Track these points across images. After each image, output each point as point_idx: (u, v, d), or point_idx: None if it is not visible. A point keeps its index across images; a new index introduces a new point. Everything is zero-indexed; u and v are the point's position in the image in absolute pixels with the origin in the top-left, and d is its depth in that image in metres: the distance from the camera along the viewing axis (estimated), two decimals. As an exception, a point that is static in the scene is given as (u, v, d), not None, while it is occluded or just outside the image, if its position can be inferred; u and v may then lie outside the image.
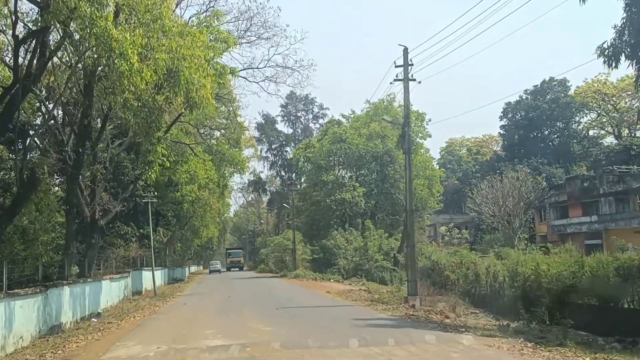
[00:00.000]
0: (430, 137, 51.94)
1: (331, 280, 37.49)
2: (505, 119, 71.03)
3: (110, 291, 25.22)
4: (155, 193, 38.14)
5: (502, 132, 72.64)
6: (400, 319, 15.71)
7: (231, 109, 39.00)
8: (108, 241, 31.43)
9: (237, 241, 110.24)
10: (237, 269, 73.66)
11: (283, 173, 76.34)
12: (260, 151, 72.07)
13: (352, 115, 52.83)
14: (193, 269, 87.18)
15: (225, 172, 48.92)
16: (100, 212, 28.35)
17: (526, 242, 38.53)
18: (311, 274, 42.07)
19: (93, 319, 20.20)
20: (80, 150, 21.96)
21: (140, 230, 36.42)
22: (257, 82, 29.51)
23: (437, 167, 56.88)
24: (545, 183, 44.27)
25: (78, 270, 26.69)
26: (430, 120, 51.87)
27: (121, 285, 27.50)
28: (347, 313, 17.52)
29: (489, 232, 51.74)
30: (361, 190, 46.55)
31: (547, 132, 69.03)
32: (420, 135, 51.95)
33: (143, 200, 32.37)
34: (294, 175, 76.95)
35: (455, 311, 18.11)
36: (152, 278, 30.59)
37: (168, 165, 17.59)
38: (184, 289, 36.24)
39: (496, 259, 25.01)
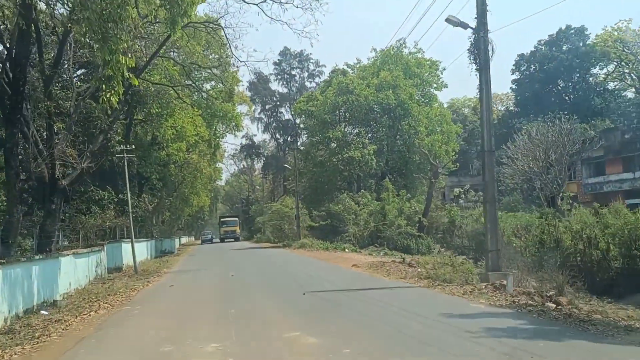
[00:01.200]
0: (447, 87, 45.50)
1: (346, 249, 31.52)
2: (517, 73, 64.60)
3: (75, 270, 18.97)
4: (134, 148, 31.71)
5: (513, 86, 66.21)
6: (517, 313, 9.64)
7: (223, 55, 32.31)
8: (77, 208, 25.07)
9: (229, 210, 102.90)
10: (232, 240, 64.86)
11: (278, 136, 69.78)
12: (254, 112, 65.25)
13: (358, 65, 46.07)
14: (184, 240, 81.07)
15: (217, 130, 42.45)
16: (63, 170, 22.11)
17: (570, 201, 32.69)
18: (320, 243, 36.07)
19: (43, 311, 14.08)
20: (19, 75, 15.46)
21: (120, 196, 29.97)
22: (257, 4, 22.67)
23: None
24: (592, 132, 38.28)
25: (35, 245, 20.53)
26: (445, 69, 45.40)
27: (91, 262, 21.23)
28: (418, 302, 11.49)
29: (507, 194, 46.15)
30: (372, 148, 40.29)
31: (563, 85, 62.83)
32: (434, 85, 45.58)
33: (119, 157, 25.89)
34: (289, 138, 70.50)
35: (563, 294, 12.16)
36: (133, 251, 24.32)
37: (136, 83, 10.89)
38: (173, 263, 30.07)
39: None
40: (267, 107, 68.32)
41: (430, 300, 11.55)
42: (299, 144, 68.56)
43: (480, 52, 13.45)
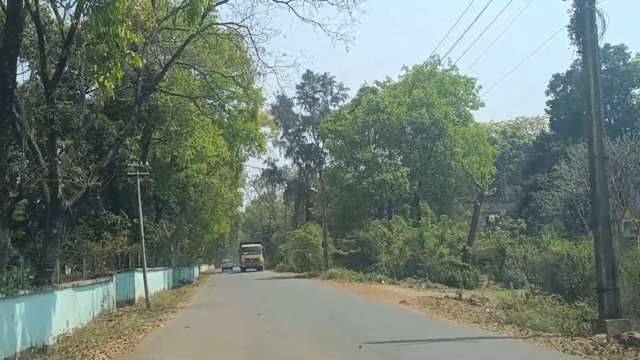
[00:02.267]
0: (484, 106, 42.23)
1: (382, 281, 28.00)
2: (552, 94, 61.05)
3: (76, 306, 15.87)
4: (150, 169, 28.81)
5: (548, 108, 62.53)
6: None
7: (246, 71, 29.53)
8: (85, 233, 22.05)
9: (250, 238, 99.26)
10: (254, 269, 56.43)
11: (301, 160, 66.74)
12: (277, 135, 62.44)
13: (389, 83, 43.06)
14: (204, 268, 77.99)
15: (240, 151, 39.59)
16: (67, 189, 19.26)
17: (635, 228, 28.83)
18: (350, 273, 32.56)
19: (28, 363, 11.03)
20: (7, 70, 12.63)
21: (134, 221, 26.91)
22: (287, 1, 19.65)
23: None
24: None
25: (31, 276, 17.47)
26: (481, 87, 42.16)
27: (96, 295, 18.11)
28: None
29: (547, 221, 42.32)
30: (405, 170, 36.94)
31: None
32: (470, 104, 42.32)
33: (133, 178, 22.94)
34: (312, 163, 67.49)
35: None
36: (145, 282, 21.15)
37: (140, 64, 7.63)
38: (191, 295, 26.83)
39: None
40: (289, 130, 65.57)
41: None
42: (328, 162, 65.57)
43: (584, 29, 10.23)
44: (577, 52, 10.55)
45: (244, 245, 63.13)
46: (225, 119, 37.01)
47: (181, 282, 37.84)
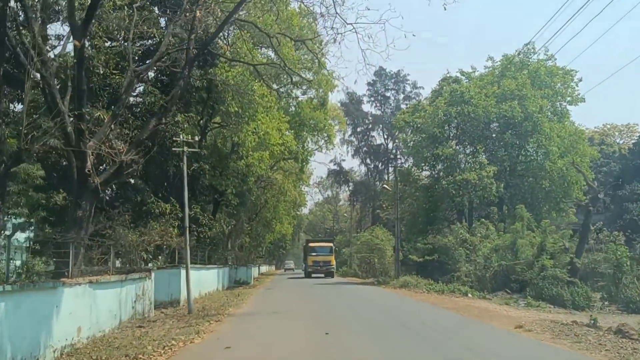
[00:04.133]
0: (584, 101, 36.00)
1: (469, 294, 22.95)
2: (653, 94, 53.43)
3: (94, 307, 12.11)
4: (204, 151, 25.22)
5: (647, 111, 54.79)
6: None
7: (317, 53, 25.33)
8: (123, 222, 18.42)
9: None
10: (323, 275, 44.58)
11: (369, 161, 62.11)
12: (344, 134, 58.14)
13: (474, 73, 37.68)
14: (264, 268, 74.75)
15: (307, 143, 35.47)
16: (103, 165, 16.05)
17: None
18: (427, 283, 27.66)
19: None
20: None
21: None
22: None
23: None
24: None
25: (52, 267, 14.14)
26: (581, 80, 35.94)
27: (127, 294, 14.30)
28: None
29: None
30: (492, 170, 31.51)
31: None
32: (568, 99, 36.22)
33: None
34: (380, 164, 62.71)
35: None
36: (187, 282, 17.21)
37: None
38: (245, 298, 22.81)
39: None
40: (358, 129, 61.14)
41: None
42: (390, 169, 60.61)
43: None
44: None
45: (311, 244, 49.14)
46: (292, 106, 33.08)
47: (238, 282, 34.14)
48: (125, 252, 15.51)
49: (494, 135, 34.60)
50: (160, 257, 21.79)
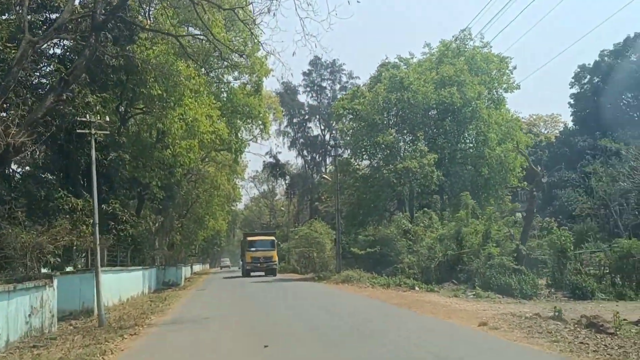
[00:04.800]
0: (519, 88, 35.78)
1: (416, 287, 21.56)
2: (577, 86, 54.78)
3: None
4: (123, 141, 22.39)
5: (572, 101, 56.16)
6: None
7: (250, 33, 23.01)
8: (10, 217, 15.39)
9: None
10: (263, 273, 39.21)
11: (306, 153, 60.24)
12: (280, 124, 55.89)
13: (412, 59, 36.58)
14: (197, 267, 71.29)
15: (240, 131, 33.03)
16: None
17: None
18: (371, 276, 26.13)
19: None
20: None
21: (104, 207, 20.35)
22: None
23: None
24: None
25: None
26: (515, 68, 35.70)
27: (16, 309, 11.50)
28: None
29: (578, 220, 36.39)
30: (432, 158, 30.45)
31: (630, 99, 52.72)
32: (504, 86, 35.89)
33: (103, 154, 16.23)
34: (317, 156, 61.05)
35: None
36: (97, 289, 14.49)
37: None
38: (172, 302, 20.24)
39: None
40: (294, 120, 59.06)
41: None
42: (328, 161, 59.08)
43: None
44: None
45: (250, 238, 42.00)
46: (224, 92, 30.53)
47: (167, 283, 31.28)
48: (18, 256, 12.67)
49: (433, 122, 33.63)
50: (74, 261, 18.92)
